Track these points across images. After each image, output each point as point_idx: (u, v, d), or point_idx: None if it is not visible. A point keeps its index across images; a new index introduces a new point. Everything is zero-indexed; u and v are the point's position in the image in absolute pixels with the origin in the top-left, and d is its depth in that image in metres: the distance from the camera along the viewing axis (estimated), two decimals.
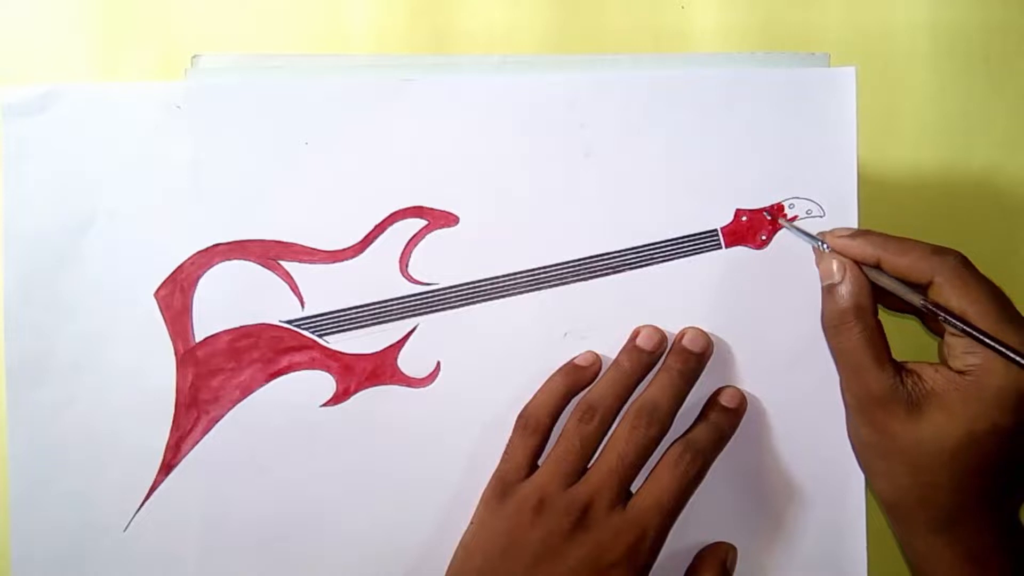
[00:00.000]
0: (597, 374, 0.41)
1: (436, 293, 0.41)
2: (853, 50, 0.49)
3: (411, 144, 0.41)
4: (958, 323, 0.36)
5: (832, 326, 0.39)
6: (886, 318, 0.39)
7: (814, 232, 0.41)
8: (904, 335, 0.41)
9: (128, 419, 0.41)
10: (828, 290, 0.39)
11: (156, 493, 0.41)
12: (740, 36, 0.49)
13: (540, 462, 0.40)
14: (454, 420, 0.41)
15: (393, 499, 0.41)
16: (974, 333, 0.36)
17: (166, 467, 0.41)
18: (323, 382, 0.41)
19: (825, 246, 0.40)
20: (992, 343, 0.36)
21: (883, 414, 0.38)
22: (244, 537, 0.41)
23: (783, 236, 0.42)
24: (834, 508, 0.42)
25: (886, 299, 0.40)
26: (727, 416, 0.41)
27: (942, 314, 0.37)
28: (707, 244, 0.42)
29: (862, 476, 0.41)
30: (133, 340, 0.41)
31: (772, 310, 0.42)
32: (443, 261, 0.41)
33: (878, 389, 0.38)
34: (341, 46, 0.48)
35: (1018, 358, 0.35)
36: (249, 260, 0.41)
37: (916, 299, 0.38)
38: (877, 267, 0.39)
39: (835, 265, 0.39)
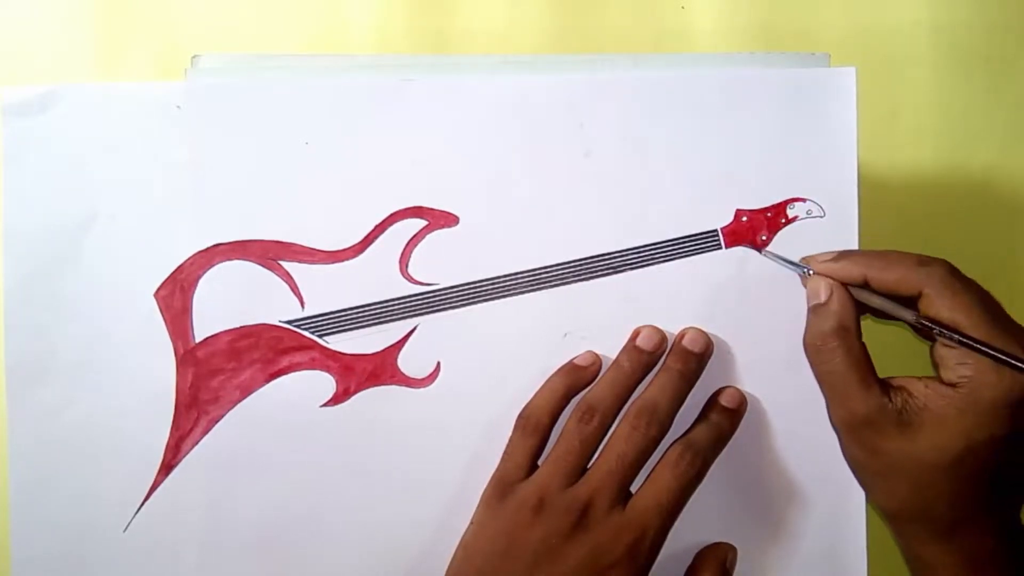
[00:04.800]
0: (597, 374, 0.41)
1: (436, 293, 0.41)
2: (853, 50, 0.49)
3: (411, 144, 0.41)
4: (953, 335, 0.36)
5: (814, 347, 0.39)
6: (878, 326, 0.39)
7: (796, 258, 0.41)
8: (897, 343, 0.40)
9: (128, 419, 0.41)
10: (813, 311, 0.39)
11: (156, 493, 0.41)
12: (740, 36, 0.49)
13: (540, 462, 0.40)
14: (454, 420, 0.41)
15: (393, 499, 0.41)
16: (971, 344, 0.36)
17: (166, 467, 0.41)
18: (323, 382, 0.41)
19: (809, 271, 0.40)
20: (992, 352, 0.35)
21: (873, 435, 0.38)
22: (244, 537, 0.41)
23: (783, 237, 0.41)
24: (834, 508, 0.42)
25: (874, 308, 0.39)
26: (727, 416, 0.41)
27: (936, 327, 0.37)
28: (707, 244, 0.42)
29: None
30: (133, 340, 0.41)
31: (772, 310, 0.42)
32: (443, 261, 0.41)
33: (865, 411, 0.37)
34: (341, 46, 0.48)
35: (1019, 363, 0.35)
36: (249, 260, 0.41)
37: (908, 315, 0.38)
38: (865, 286, 0.39)
39: (822, 285, 0.39)
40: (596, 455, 0.40)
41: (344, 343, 0.41)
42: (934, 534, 0.38)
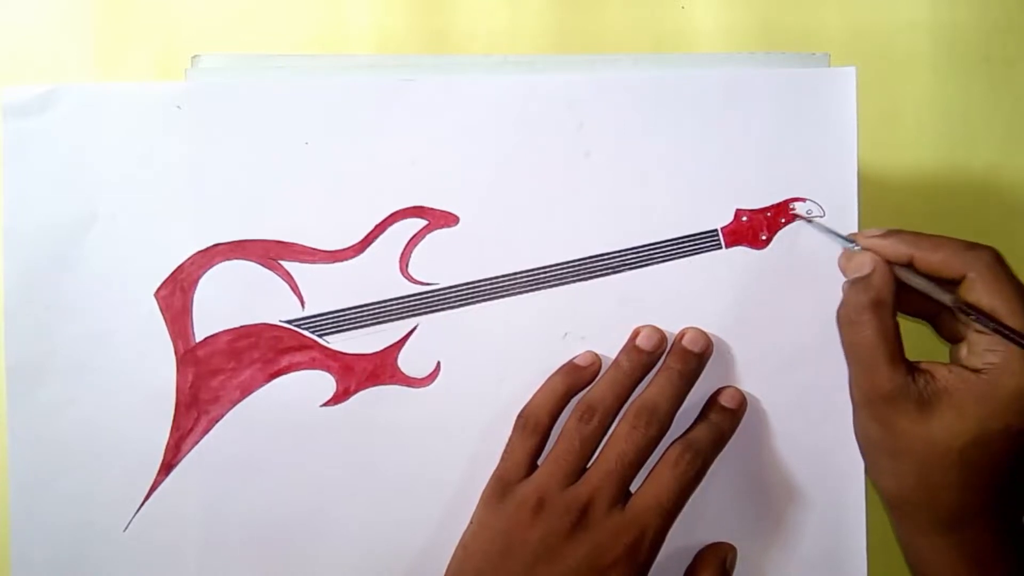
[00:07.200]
0: (597, 374, 0.41)
1: (436, 293, 0.42)
2: (853, 50, 0.49)
3: (411, 144, 0.41)
4: (988, 321, 0.36)
5: (848, 319, 0.39)
6: (903, 324, 0.39)
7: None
8: (914, 341, 0.40)
9: (128, 419, 0.41)
10: (852, 283, 0.39)
11: (156, 493, 0.41)
12: (740, 36, 0.49)
13: (540, 462, 0.40)
14: (454, 420, 0.41)
15: (393, 499, 0.41)
16: (1005, 331, 0.36)
17: (166, 467, 0.41)
18: (323, 382, 0.41)
19: (857, 246, 0.40)
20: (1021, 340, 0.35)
21: (892, 411, 0.38)
22: (244, 537, 0.41)
23: (783, 236, 0.41)
24: (834, 508, 0.42)
25: (904, 301, 0.39)
26: (727, 416, 0.41)
27: (972, 312, 0.37)
28: (707, 244, 0.42)
29: (862, 476, 0.41)
30: (133, 340, 0.41)
31: (772, 310, 0.42)
32: (443, 261, 0.41)
33: (889, 386, 0.37)
34: (341, 46, 0.48)
35: None
36: (249, 260, 0.41)
37: (946, 297, 0.38)
38: (908, 266, 0.39)
39: (867, 259, 0.39)
40: (596, 455, 0.40)
41: (344, 343, 0.41)
42: (937, 525, 0.38)
